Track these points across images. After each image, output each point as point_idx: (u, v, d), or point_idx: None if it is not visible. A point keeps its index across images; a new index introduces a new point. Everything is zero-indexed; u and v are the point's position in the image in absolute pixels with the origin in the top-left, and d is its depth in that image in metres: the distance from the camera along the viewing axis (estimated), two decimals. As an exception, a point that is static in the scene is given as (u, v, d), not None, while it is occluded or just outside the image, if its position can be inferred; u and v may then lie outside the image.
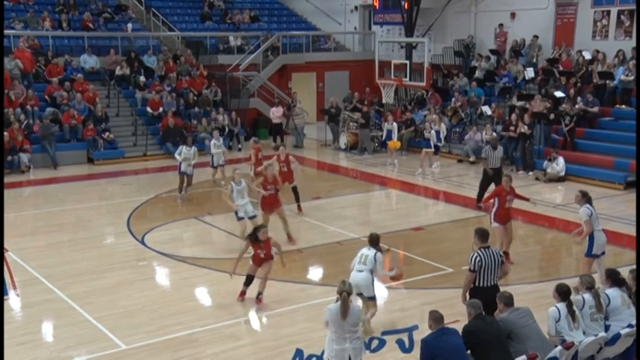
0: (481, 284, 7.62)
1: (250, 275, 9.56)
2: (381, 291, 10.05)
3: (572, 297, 7.34)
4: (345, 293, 6.74)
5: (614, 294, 7.31)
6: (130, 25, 24.78)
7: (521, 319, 6.89)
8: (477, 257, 7.61)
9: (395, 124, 19.49)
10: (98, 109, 20.18)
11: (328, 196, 15.19)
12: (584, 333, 7.02)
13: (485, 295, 7.37)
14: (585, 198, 9.44)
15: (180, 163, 14.97)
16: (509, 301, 7.04)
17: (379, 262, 8.37)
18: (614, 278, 7.44)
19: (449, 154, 19.88)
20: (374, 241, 8.57)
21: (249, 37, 25.84)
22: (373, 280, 8.42)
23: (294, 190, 13.94)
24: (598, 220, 9.44)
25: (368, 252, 8.47)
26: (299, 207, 13.94)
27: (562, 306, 7.01)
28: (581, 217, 9.41)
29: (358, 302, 8.18)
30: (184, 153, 14.93)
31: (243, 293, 9.60)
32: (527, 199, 11.85)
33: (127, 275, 10.72)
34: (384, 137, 19.82)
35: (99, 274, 10.71)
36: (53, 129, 19.15)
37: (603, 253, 9.51)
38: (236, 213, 11.69)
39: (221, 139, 17.35)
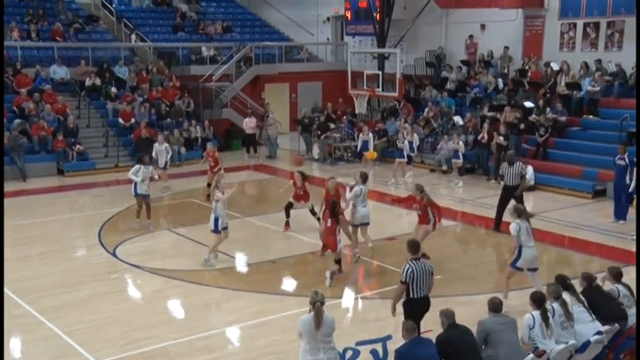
0: (414, 295, 7.67)
1: None
2: (354, 301, 10.09)
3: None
4: (318, 303, 6.73)
5: (564, 296, 7.43)
6: (133, 37, 24.64)
7: (498, 325, 6.95)
8: (408, 269, 7.64)
9: (371, 134, 19.52)
10: (70, 121, 19.93)
11: (301, 207, 15.15)
12: (556, 342, 7.10)
13: (418, 307, 7.54)
14: (517, 213, 9.55)
15: (136, 184, 13.49)
16: (496, 307, 7.10)
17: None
18: (562, 283, 7.59)
19: (421, 164, 20.03)
20: (365, 177, 11.63)
21: (221, 47, 25.79)
22: None
23: (312, 210, 13.58)
24: (530, 236, 9.49)
25: (364, 188, 11.42)
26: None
27: (537, 314, 7.09)
28: (510, 232, 9.52)
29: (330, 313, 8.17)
30: (143, 173, 13.47)
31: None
32: (435, 222, 11.25)
33: (98, 288, 10.57)
34: (359, 148, 19.82)
35: (69, 287, 10.55)
36: (22, 140, 18.86)
37: (536, 269, 9.61)
38: (217, 224, 11.38)
39: (164, 145, 17.38)
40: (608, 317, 7.53)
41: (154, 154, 17.12)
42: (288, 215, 13.64)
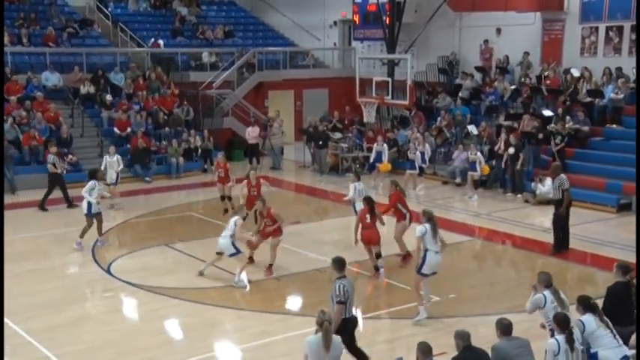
0: (346, 315, 7.66)
1: None
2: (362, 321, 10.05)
3: (532, 296, 7.81)
4: (326, 323, 6.71)
5: (588, 319, 7.36)
6: (161, 42, 24.92)
7: (515, 350, 6.87)
8: (344, 287, 7.65)
9: (385, 145, 19.40)
10: (64, 131, 19.98)
11: (307, 221, 15.18)
12: None
13: (352, 326, 7.63)
14: (425, 217, 9.80)
15: (90, 203, 13.28)
16: (507, 329, 7.01)
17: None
18: (585, 304, 7.52)
19: (434, 175, 20.00)
20: (358, 176, 14.07)
21: (222, 53, 25.89)
22: None
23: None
24: (437, 241, 9.71)
25: (360, 186, 13.71)
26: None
27: (561, 338, 6.91)
28: (416, 233, 9.81)
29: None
30: (98, 190, 13.46)
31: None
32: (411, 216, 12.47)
33: (91, 307, 10.59)
34: (372, 159, 19.75)
35: (61, 306, 10.55)
36: (11, 151, 18.90)
37: (434, 273, 9.89)
38: (236, 245, 11.53)
39: (115, 156, 17.02)
40: (619, 318, 7.59)
41: (102, 166, 16.65)
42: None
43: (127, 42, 25.91)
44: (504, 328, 7.02)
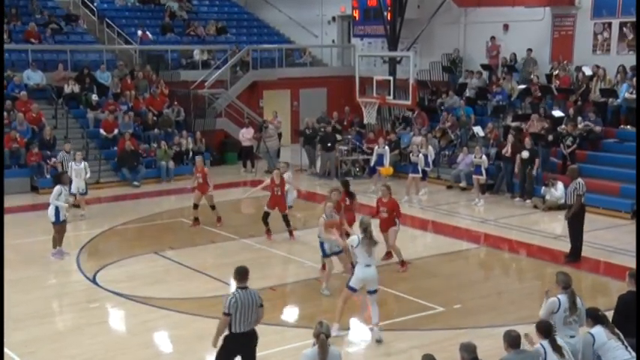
0: (236, 329, 7.57)
1: None
2: (362, 333, 10.04)
3: (546, 301, 7.77)
4: (322, 335, 6.73)
5: (598, 331, 7.40)
6: (150, 34, 25.09)
7: (524, 364, 6.92)
8: (232, 299, 7.55)
9: (387, 147, 19.41)
10: (46, 132, 19.99)
11: (304, 227, 15.18)
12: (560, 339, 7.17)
13: (239, 342, 7.53)
14: (362, 227, 9.81)
15: (58, 210, 13.24)
16: (514, 341, 7.01)
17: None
18: (594, 316, 7.57)
19: (437, 179, 20.03)
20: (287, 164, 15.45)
21: (215, 50, 25.94)
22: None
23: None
24: (370, 255, 9.61)
25: (290, 178, 14.98)
26: (290, 232, 14.56)
27: (546, 343, 7.00)
28: (348, 242, 10.03)
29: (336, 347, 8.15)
30: (65, 195, 13.43)
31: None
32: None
33: (75, 319, 10.57)
34: (373, 162, 19.76)
35: (43, 318, 10.54)
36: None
37: (375, 291, 9.69)
38: (322, 248, 11.49)
39: (82, 163, 16.64)
40: (628, 329, 7.57)
41: (73, 175, 16.25)
42: (266, 224, 14.42)
43: (114, 39, 25.93)
44: (512, 341, 7.03)
